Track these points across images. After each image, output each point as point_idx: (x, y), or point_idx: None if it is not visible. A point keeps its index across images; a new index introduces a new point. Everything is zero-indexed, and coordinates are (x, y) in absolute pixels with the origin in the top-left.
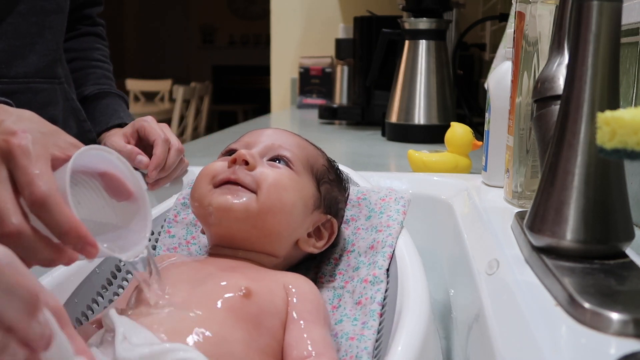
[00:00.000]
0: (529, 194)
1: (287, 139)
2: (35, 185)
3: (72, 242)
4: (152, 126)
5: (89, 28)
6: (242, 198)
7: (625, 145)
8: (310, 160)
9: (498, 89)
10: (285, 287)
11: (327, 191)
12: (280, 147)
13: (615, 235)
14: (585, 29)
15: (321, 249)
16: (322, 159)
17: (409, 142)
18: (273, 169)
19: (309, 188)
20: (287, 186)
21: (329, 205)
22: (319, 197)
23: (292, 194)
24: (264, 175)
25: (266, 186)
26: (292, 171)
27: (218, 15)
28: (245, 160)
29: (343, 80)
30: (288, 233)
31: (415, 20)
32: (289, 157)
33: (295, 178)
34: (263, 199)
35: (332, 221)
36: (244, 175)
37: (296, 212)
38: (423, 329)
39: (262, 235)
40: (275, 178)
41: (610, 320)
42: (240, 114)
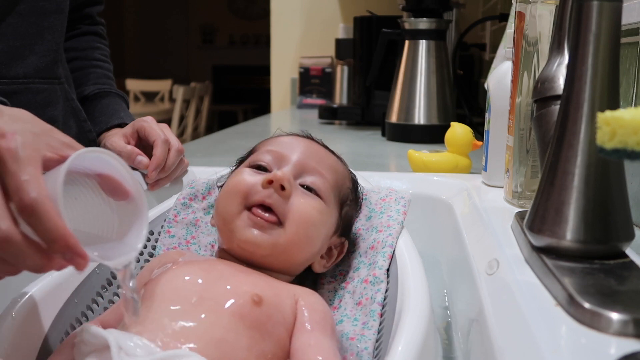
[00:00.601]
0: (529, 194)
1: (320, 159)
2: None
3: (61, 251)
4: (152, 126)
5: (89, 27)
6: (270, 234)
7: (625, 145)
8: (338, 184)
9: (498, 89)
10: (295, 298)
11: (346, 213)
12: (314, 169)
13: (615, 235)
14: (585, 29)
15: (327, 268)
16: (348, 180)
17: (409, 142)
18: (305, 200)
19: (334, 217)
20: (315, 221)
21: (345, 227)
22: (339, 222)
23: (318, 228)
24: (295, 207)
25: (296, 220)
26: (322, 202)
27: (218, 15)
28: (282, 186)
29: (343, 80)
30: (307, 260)
31: (415, 20)
32: (320, 187)
33: (324, 210)
34: (291, 235)
35: (345, 243)
36: (278, 203)
37: (319, 243)
38: (423, 329)
39: (283, 264)
40: (306, 212)
41: (610, 320)
42: (240, 114)
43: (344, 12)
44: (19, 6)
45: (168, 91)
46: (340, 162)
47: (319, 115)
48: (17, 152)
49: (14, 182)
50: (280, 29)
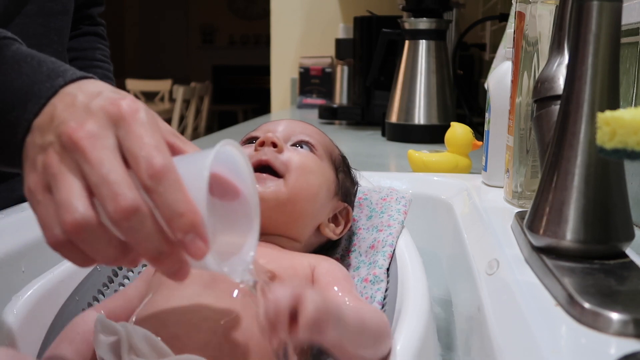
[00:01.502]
0: (529, 194)
1: (306, 126)
2: (153, 157)
3: (184, 229)
4: None
5: (90, 28)
6: (271, 186)
7: (625, 145)
8: (329, 148)
9: (498, 89)
10: (310, 266)
11: (343, 180)
12: (301, 133)
13: (615, 235)
14: (585, 29)
15: (339, 235)
16: (337, 149)
17: (409, 142)
18: (299, 152)
19: (331, 173)
20: (313, 169)
21: (345, 194)
22: (337, 183)
23: (318, 177)
24: (291, 159)
25: (294, 169)
26: (315, 155)
27: (218, 15)
28: (273, 143)
29: (343, 80)
30: (313, 216)
31: (415, 20)
32: (312, 142)
33: (319, 162)
34: (292, 183)
35: (348, 209)
36: (274, 157)
37: (321, 196)
38: (422, 328)
39: (290, 219)
40: (303, 161)
41: (610, 320)
42: (240, 114)
43: (344, 12)
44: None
45: (168, 91)
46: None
47: (319, 115)
48: (141, 114)
49: (139, 145)
50: (280, 29)
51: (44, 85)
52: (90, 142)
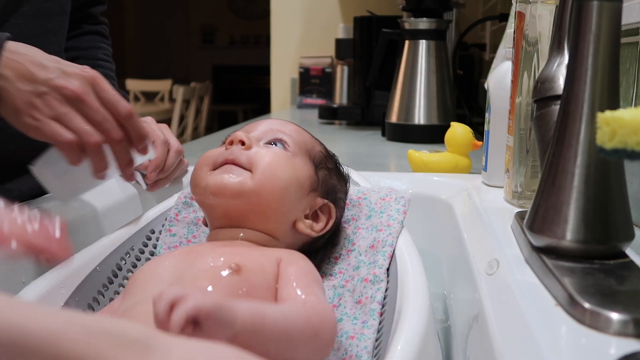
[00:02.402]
0: (529, 194)
1: (285, 125)
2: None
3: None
4: (152, 127)
5: (92, 27)
6: (237, 176)
7: (625, 145)
8: (307, 145)
9: (498, 89)
10: (277, 261)
11: (324, 177)
12: (279, 131)
13: (615, 235)
14: (585, 29)
15: (319, 232)
16: (320, 146)
17: (409, 142)
18: (269, 148)
19: (305, 169)
20: (281, 164)
21: (327, 191)
22: (316, 179)
23: (286, 172)
24: (259, 154)
25: (261, 164)
26: (287, 152)
27: (218, 15)
28: (241, 141)
29: (343, 80)
30: (283, 211)
31: (415, 20)
32: (285, 140)
33: (290, 158)
34: (258, 177)
35: (330, 205)
36: (239, 154)
37: (291, 190)
38: (423, 328)
39: (258, 212)
40: (270, 157)
41: (610, 320)
42: (240, 114)
43: (344, 12)
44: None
45: (168, 91)
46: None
47: (319, 115)
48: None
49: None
50: (280, 29)
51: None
52: (89, 97)
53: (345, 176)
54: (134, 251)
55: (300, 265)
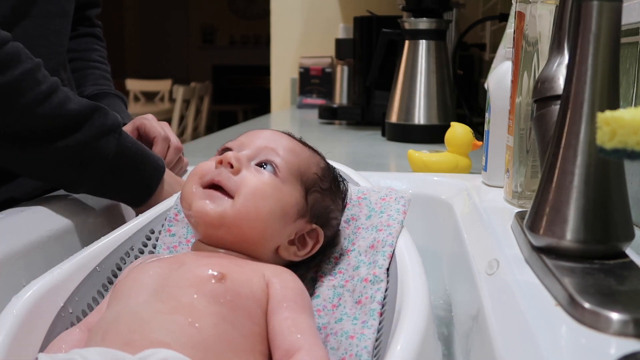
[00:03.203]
0: (529, 194)
1: (282, 142)
2: None
3: None
4: (152, 124)
5: (87, 29)
6: (218, 205)
7: (625, 145)
8: (301, 168)
9: (498, 89)
10: (266, 277)
11: (315, 200)
12: (272, 150)
13: (615, 235)
14: (585, 29)
15: (303, 257)
16: (316, 167)
17: (409, 142)
18: (256, 174)
19: (293, 196)
20: (265, 194)
21: (317, 215)
22: (304, 205)
23: (270, 202)
24: (244, 181)
25: (244, 192)
26: (276, 178)
27: (218, 15)
28: (230, 163)
29: (343, 80)
30: (265, 240)
31: (415, 20)
32: (277, 163)
33: (277, 185)
34: (239, 206)
35: (318, 230)
36: (226, 178)
37: (273, 220)
38: (423, 328)
39: (238, 240)
40: (255, 185)
41: (610, 320)
42: (240, 114)
43: (344, 12)
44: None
45: (168, 91)
46: (308, 150)
47: (319, 115)
48: None
49: None
50: (280, 29)
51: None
52: None
53: (343, 191)
54: (134, 251)
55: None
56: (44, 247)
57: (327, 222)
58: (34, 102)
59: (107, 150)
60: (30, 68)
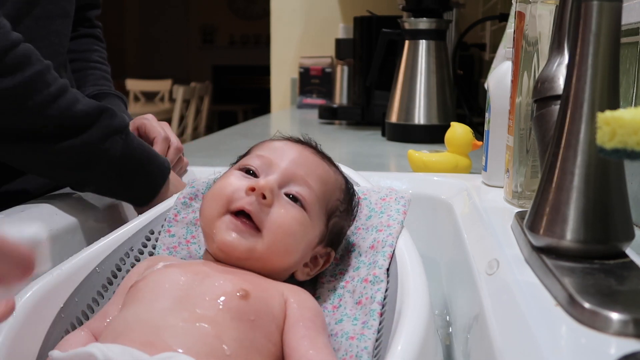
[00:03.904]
0: (529, 194)
1: (310, 168)
2: None
3: None
4: (153, 124)
5: (88, 30)
6: (247, 239)
7: (625, 145)
8: (326, 196)
9: (498, 89)
10: (284, 296)
11: (334, 224)
12: (301, 179)
13: (615, 235)
14: (585, 29)
15: (312, 276)
16: (339, 192)
17: (409, 142)
18: (287, 210)
19: (318, 228)
20: (295, 233)
21: (333, 238)
22: (325, 233)
23: (298, 239)
24: (275, 219)
25: (275, 230)
26: (305, 214)
27: (218, 15)
28: (263, 195)
29: (343, 80)
30: (287, 270)
31: (415, 20)
32: (306, 198)
33: (306, 222)
34: (268, 244)
35: (331, 253)
36: (258, 211)
37: (299, 254)
38: (423, 328)
39: (262, 270)
40: (286, 224)
41: (610, 320)
42: (240, 114)
43: (344, 12)
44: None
45: (168, 91)
46: (333, 171)
47: (319, 115)
48: None
49: None
50: (280, 29)
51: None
52: None
53: (355, 206)
54: (133, 252)
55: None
56: (43, 247)
57: (339, 240)
58: (44, 103)
59: (113, 150)
60: (41, 70)
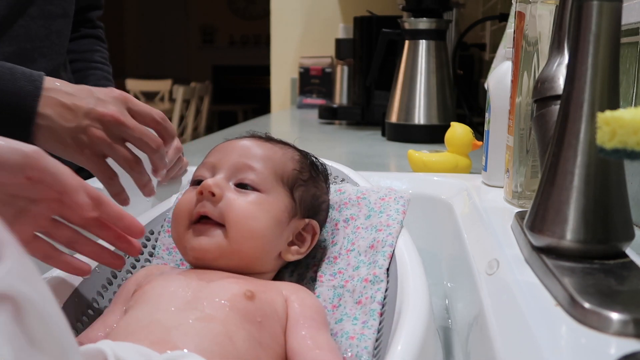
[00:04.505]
0: (529, 194)
1: (250, 154)
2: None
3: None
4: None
5: (89, 30)
6: (213, 237)
7: (625, 145)
8: (278, 171)
9: (498, 89)
10: (285, 296)
11: (302, 195)
12: (245, 165)
13: (615, 235)
14: (585, 29)
15: (305, 253)
16: (291, 162)
17: (409, 142)
18: (239, 196)
19: (281, 202)
20: (254, 213)
21: (307, 208)
22: (293, 205)
23: (261, 218)
24: (230, 207)
25: (234, 218)
26: (259, 193)
27: (218, 15)
28: (211, 192)
29: (343, 80)
30: (266, 252)
31: (415, 20)
32: (255, 180)
33: (263, 200)
34: (232, 233)
35: (312, 223)
36: (212, 209)
37: (270, 233)
38: (423, 328)
39: (242, 262)
40: (242, 207)
41: (610, 320)
42: (240, 114)
43: (344, 12)
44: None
45: (168, 91)
46: (278, 147)
47: (319, 115)
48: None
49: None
50: (280, 29)
51: (29, 87)
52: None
53: (322, 172)
54: None
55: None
56: None
57: (317, 210)
58: None
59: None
60: None
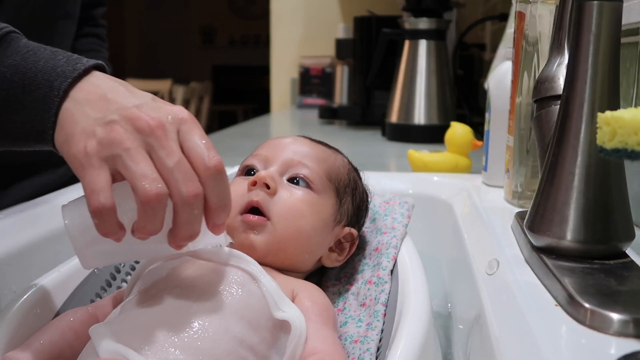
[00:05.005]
0: (529, 194)
1: (306, 151)
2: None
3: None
4: None
5: (91, 29)
6: (261, 234)
7: (625, 145)
8: (331, 174)
9: (498, 89)
10: (293, 292)
11: (348, 203)
12: (300, 163)
13: (615, 235)
14: (585, 29)
15: (342, 262)
16: (343, 168)
17: (409, 142)
18: (292, 193)
19: (330, 206)
20: (304, 212)
21: (350, 216)
22: (340, 211)
23: (310, 219)
24: (282, 203)
25: (284, 214)
26: (312, 192)
27: (218, 15)
28: (266, 184)
29: (343, 80)
30: (309, 254)
31: (415, 20)
32: (308, 177)
33: (314, 200)
34: (281, 229)
35: (352, 232)
36: (265, 200)
37: (316, 235)
38: (423, 329)
39: (287, 261)
40: (293, 205)
41: (610, 320)
42: (240, 114)
43: (344, 12)
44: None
45: (168, 91)
46: (331, 152)
47: (319, 115)
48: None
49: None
50: (280, 29)
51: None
52: (164, 132)
53: (366, 185)
54: None
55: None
56: (43, 247)
57: (358, 220)
58: None
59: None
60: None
